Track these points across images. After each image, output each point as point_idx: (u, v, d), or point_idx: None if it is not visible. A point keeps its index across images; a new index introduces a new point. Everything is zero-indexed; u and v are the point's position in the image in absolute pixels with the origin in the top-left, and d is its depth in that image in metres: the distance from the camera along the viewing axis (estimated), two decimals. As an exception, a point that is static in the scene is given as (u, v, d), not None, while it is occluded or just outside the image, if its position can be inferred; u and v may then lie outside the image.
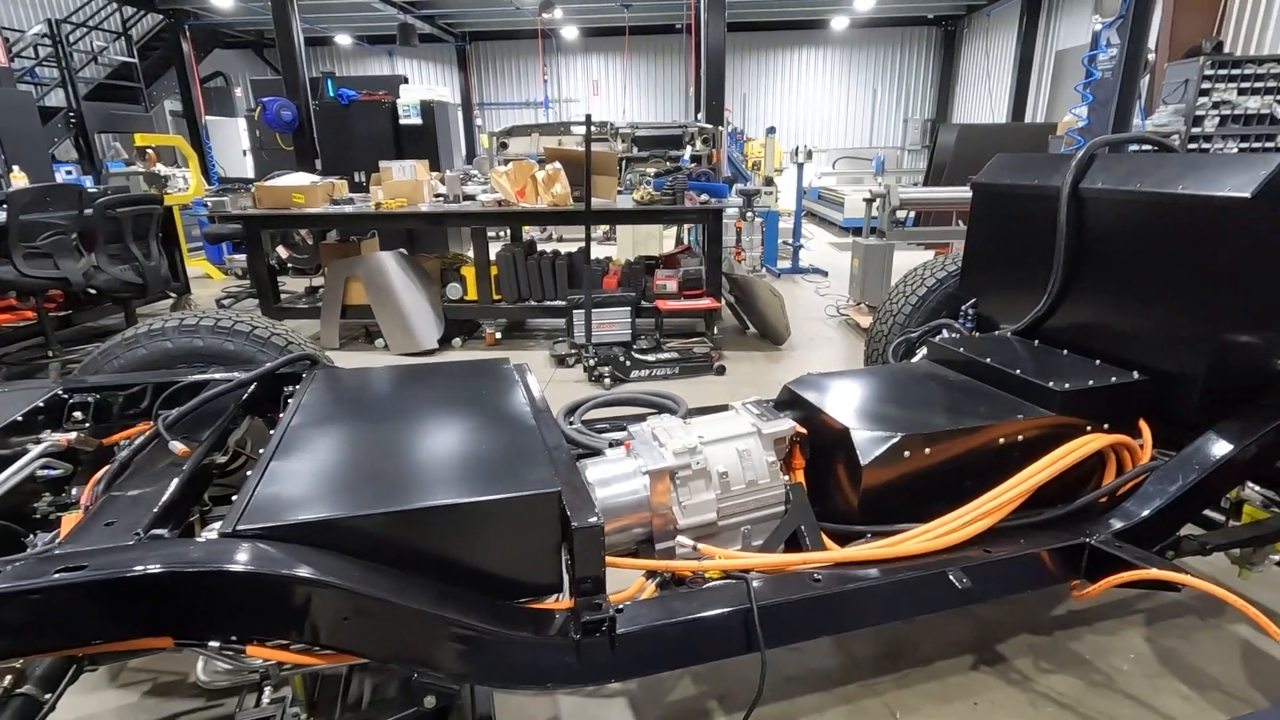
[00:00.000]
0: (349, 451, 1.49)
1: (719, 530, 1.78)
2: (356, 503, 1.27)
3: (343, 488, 1.33)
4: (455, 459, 1.46)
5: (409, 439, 1.55)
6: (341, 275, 5.65)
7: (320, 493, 1.31)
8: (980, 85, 16.73)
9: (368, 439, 1.55)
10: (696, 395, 4.68)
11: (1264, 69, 7.43)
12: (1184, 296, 1.89)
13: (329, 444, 1.51)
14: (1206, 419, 1.91)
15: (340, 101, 8.76)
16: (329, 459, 1.44)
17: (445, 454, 1.48)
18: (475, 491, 1.30)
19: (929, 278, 3.08)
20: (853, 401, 1.94)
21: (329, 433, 1.57)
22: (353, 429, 1.60)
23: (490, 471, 1.39)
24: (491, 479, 1.36)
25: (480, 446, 1.51)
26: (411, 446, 1.51)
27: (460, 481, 1.35)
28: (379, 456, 1.46)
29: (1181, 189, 1.86)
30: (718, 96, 8.94)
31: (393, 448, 1.50)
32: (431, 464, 1.43)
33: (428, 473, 1.39)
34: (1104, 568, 1.66)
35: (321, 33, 17.32)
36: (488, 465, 1.42)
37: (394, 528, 1.26)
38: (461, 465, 1.43)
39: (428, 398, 1.80)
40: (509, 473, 1.39)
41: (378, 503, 1.27)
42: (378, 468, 1.41)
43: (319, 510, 1.24)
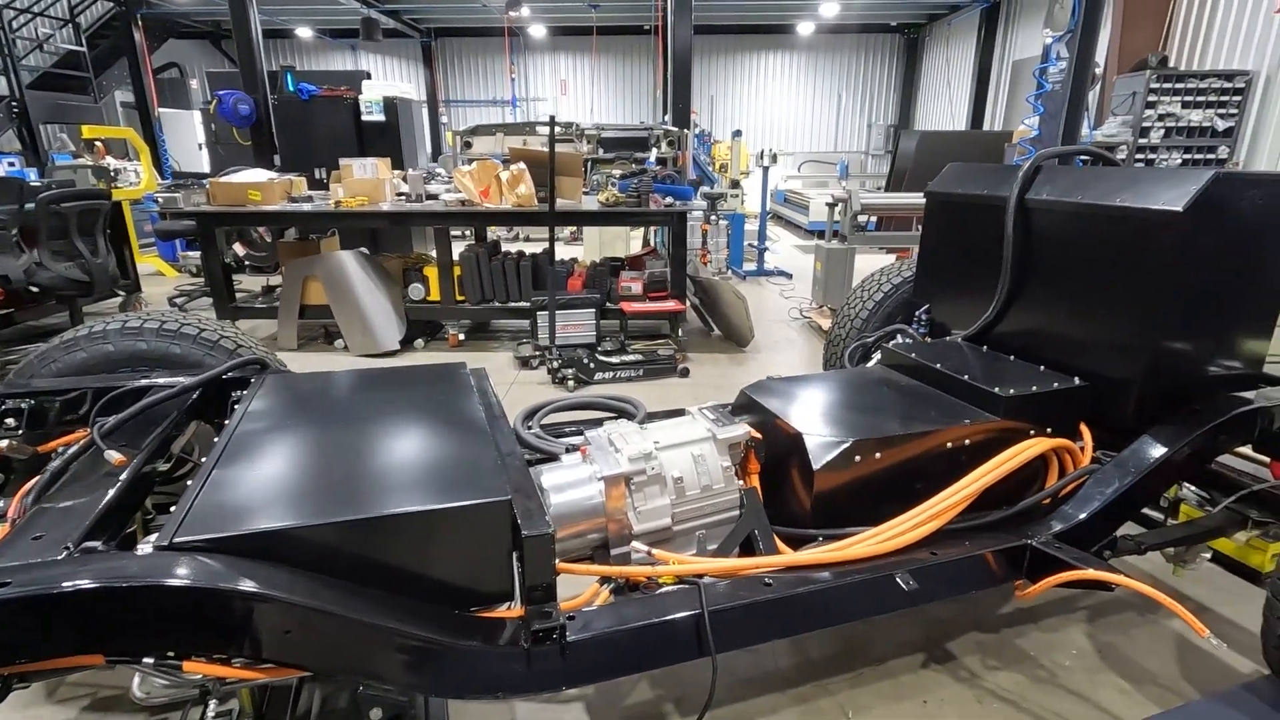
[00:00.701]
0: (295, 459, 1.46)
1: (674, 535, 1.80)
2: (300, 513, 1.25)
3: (287, 497, 1.30)
4: (405, 467, 1.44)
5: (358, 446, 1.53)
6: (300, 274, 5.52)
7: (263, 503, 1.28)
8: (941, 93, 17.10)
9: (315, 446, 1.52)
10: (660, 397, 4.71)
11: (1205, 83, 7.75)
12: (1121, 305, 1.96)
13: (274, 452, 1.48)
14: (1143, 423, 1.99)
15: (300, 96, 8.58)
16: (274, 467, 1.41)
17: (395, 462, 1.46)
18: (424, 500, 1.29)
19: (885, 283, 3.14)
20: (807, 406, 1.97)
21: (275, 440, 1.54)
22: (300, 436, 1.57)
23: (441, 479, 1.38)
24: (442, 487, 1.34)
25: (431, 454, 1.50)
26: (361, 454, 1.49)
27: (409, 490, 1.33)
28: (326, 464, 1.44)
29: (1119, 202, 1.93)
30: (684, 99, 8.97)
31: (341, 455, 1.48)
32: (380, 472, 1.41)
33: (376, 481, 1.37)
34: (1044, 568, 1.71)
35: (282, 25, 16.90)
36: (438, 473, 1.41)
37: (340, 538, 1.24)
38: (411, 473, 1.41)
39: (380, 403, 1.77)
40: (460, 481, 1.38)
41: (323, 513, 1.25)
42: (324, 476, 1.38)
43: (260, 521, 1.21)
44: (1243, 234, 1.91)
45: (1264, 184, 1.90)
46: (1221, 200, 1.83)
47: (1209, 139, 7.87)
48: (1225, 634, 2.31)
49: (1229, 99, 7.73)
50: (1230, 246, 1.91)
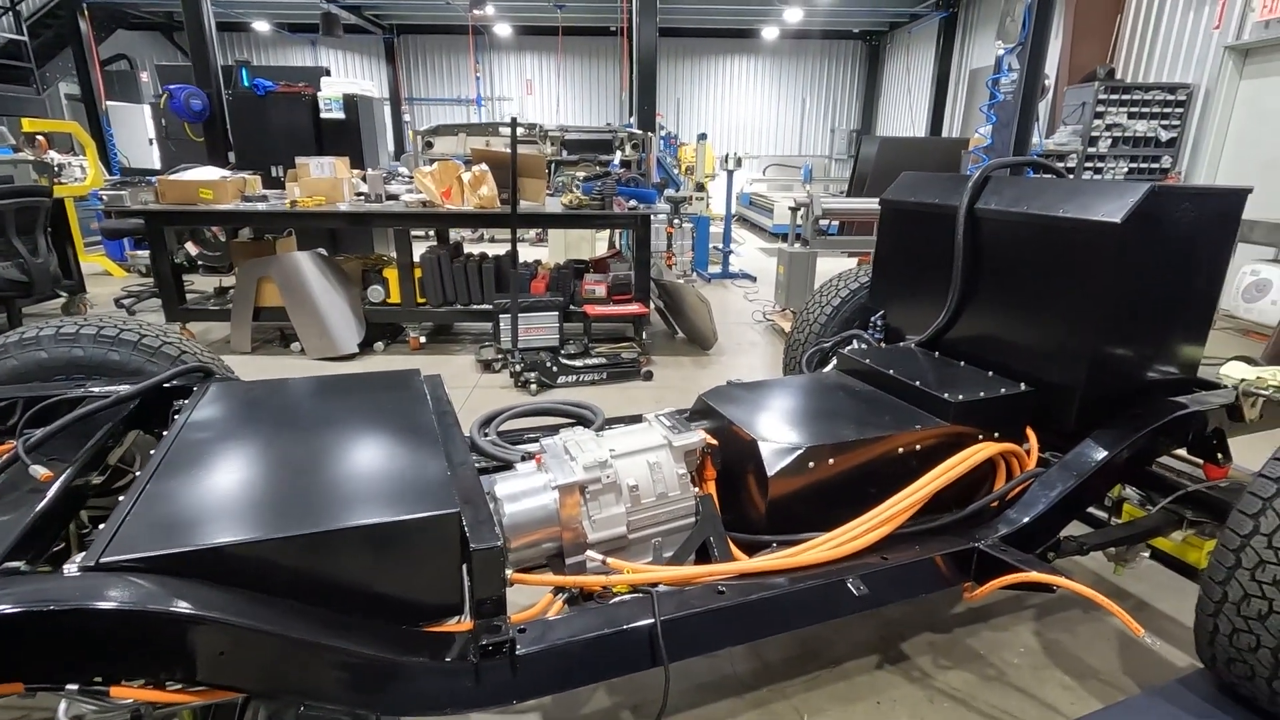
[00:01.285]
0: (235, 472, 1.41)
1: (630, 543, 1.79)
2: (237, 529, 1.21)
3: (223, 513, 1.26)
4: (351, 479, 1.40)
5: (302, 458, 1.49)
6: (253, 276, 5.38)
7: (198, 519, 1.24)
8: (902, 99, 17.45)
9: (257, 458, 1.48)
10: (624, 400, 4.71)
11: (1150, 95, 8.05)
12: (1064, 313, 2.02)
13: (213, 465, 1.43)
14: (1086, 427, 2.06)
15: (256, 92, 8.36)
16: (211, 481, 1.37)
17: (340, 474, 1.42)
18: (369, 514, 1.26)
19: (843, 288, 3.19)
20: (762, 413, 1.99)
21: (215, 452, 1.49)
22: (241, 447, 1.52)
23: (387, 492, 1.35)
24: (388, 500, 1.32)
25: (379, 465, 1.47)
26: (304, 466, 1.45)
27: (354, 504, 1.30)
28: (267, 477, 1.40)
29: (1062, 212, 1.99)
30: (649, 101, 9.00)
31: (283, 468, 1.44)
32: (324, 485, 1.37)
33: (319, 494, 1.34)
34: (991, 570, 1.75)
35: (238, 18, 16.47)
36: (385, 485, 1.38)
37: (279, 555, 1.20)
38: (357, 486, 1.38)
39: (328, 412, 1.73)
40: (407, 493, 1.35)
41: (261, 529, 1.21)
42: (264, 490, 1.34)
43: (194, 539, 1.17)
44: (1177, 244, 1.99)
45: (1196, 197, 1.98)
46: (1157, 212, 1.89)
47: (1153, 149, 8.18)
48: (1164, 629, 2.42)
49: (1171, 110, 8.05)
50: (1166, 256, 1.99)
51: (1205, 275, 2.11)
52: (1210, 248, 2.07)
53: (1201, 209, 1.99)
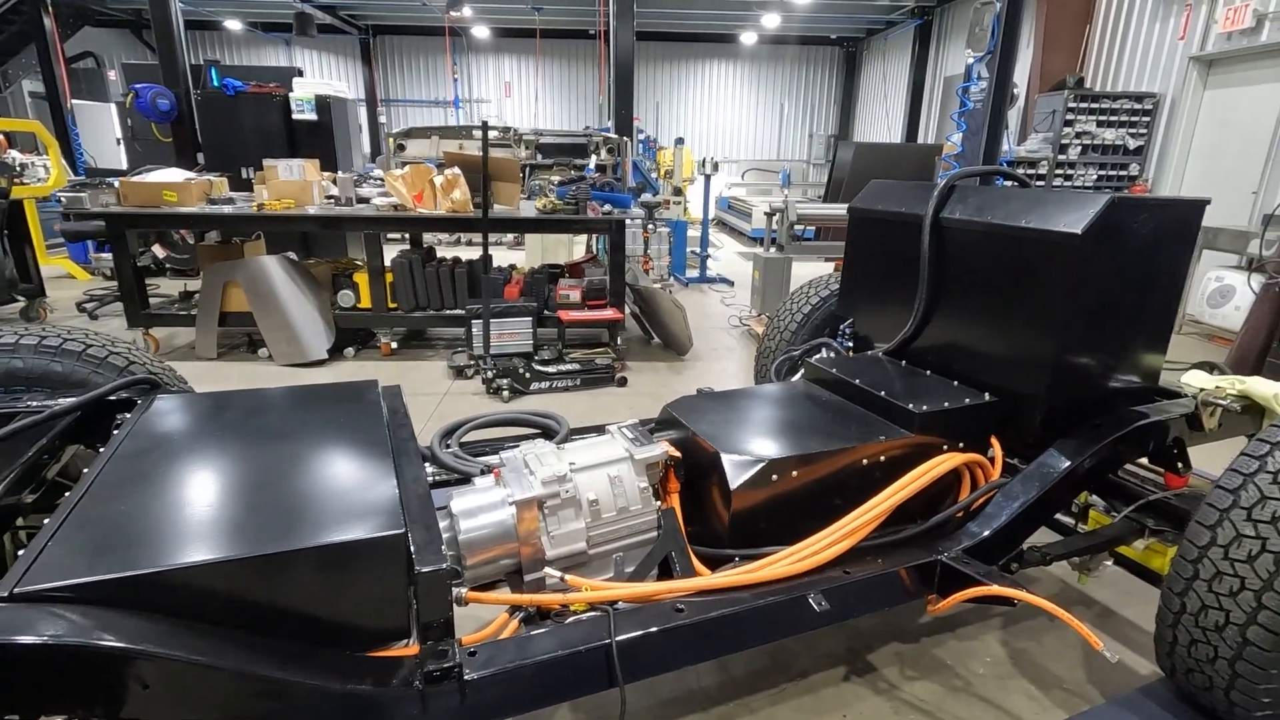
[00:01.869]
0: (171, 493, 1.35)
1: (590, 559, 1.75)
2: (168, 555, 1.15)
3: (155, 536, 1.21)
4: (293, 499, 1.35)
5: (243, 476, 1.43)
6: (219, 280, 5.26)
7: (127, 543, 1.18)
8: (879, 105, 17.64)
9: (196, 477, 1.42)
10: (597, 407, 4.67)
11: (1118, 104, 8.20)
12: (1027, 322, 2.02)
13: (148, 484, 1.37)
14: (1050, 436, 2.06)
15: (225, 92, 8.20)
16: (145, 502, 1.31)
17: (283, 494, 1.37)
18: (309, 537, 1.21)
19: (814, 296, 3.18)
20: (726, 424, 1.96)
21: (151, 471, 1.43)
22: (181, 465, 1.46)
23: (331, 513, 1.30)
24: (331, 521, 1.27)
25: (325, 484, 1.41)
26: (246, 485, 1.40)
27: (294, 525, 1.25)
28: (205, 498, 1.34)
29: (1024, 223, 1.99)
30: (626, 105, 8.98)
31: (223, 487, 1.38)
32: (264, 506, 1.32)
33: (257, 516, 1.28)
34: (954, 583, 1.74)
35: (209, 16, 16.20)
36: (329, 506, 1.33)
37: (213, 581, 1.15)
38: (299, 506, 1.33)
39: (276, 427, 1.67)
40: (352, 514, 1.30)
41: (194, 553, 1.16)
42: (201, 511, 1.29)
43: (121, 565, 1.12)
44: (1137, 254, 2.00)
45: (1155, 207, 2.00)
46: (1117, 223, 1.90)
47: (1122, 156, 8.34)
48: (1129, 637, 2.43)
49: (1139, 119, 8.21)
50: (1126, 266, 2.00)
51: (1165, 285, 2.12)
52: (1170, 258, 2.09)
53: (1161, 219, 2.01)
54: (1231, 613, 1.56)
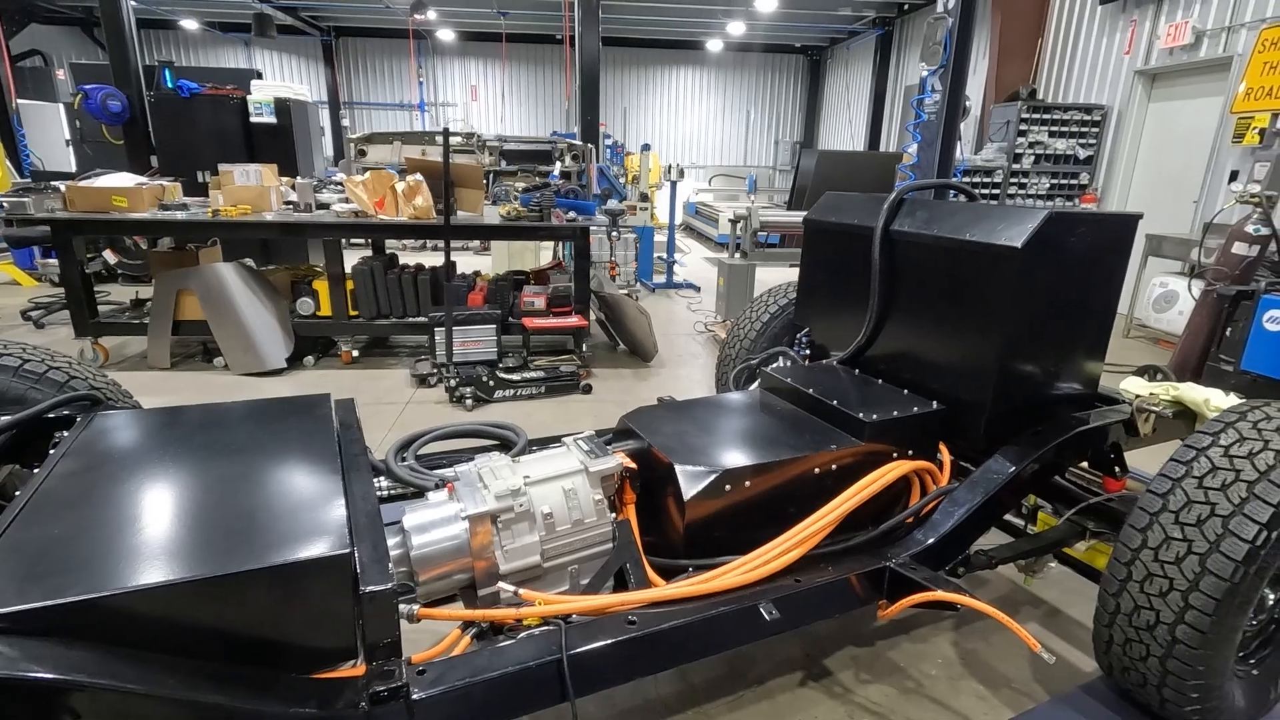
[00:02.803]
0: (109, 515, 1.32)
1: (545, 572, 1.76)
2: (103, 580, 1.13)
3: (91, 561, 1.18)
4: (236, 519, 1.33)
5: (186, 497, 1.40)
6: (172, 288, 5.13)
7: (60, 569, 1.15)
8: (842, 113, 17.94)
9: (136, 498, 1.39)
10: (560, 415, 4.66)
11: (1068, 115, 8.47)
12: (971, 333, 2.08)
13: (84, 507, 1.34)
14: (995, 442, 2.12)
15: (180, 94, 8.00)
16: (81, 525, 1.28)
17: (225, 514, 1.35)
18: (250, 559, 1.20)
19: (772, 304, 3.23)
20: (681, 435, 1.98)
21: (90, 492, 1.39)
22: (121, 486, 1.43)
23: (275, 533, 1.28)
24: (274, 542, 1.25)
25: (269, 503, 1.39)
26: (187, 506, 1.37)
27: (236, 547, 1.23)
28: (145, 520, 1.31)
29: (968, 236, 2.05)
30: (593, 111, 8.99)
31: (164, 509, 1.35)
32: (205, 527, 1.30)
33: (198, 538, 1.26)
34: (902, 589, 1.78)
35: (164, 15, 15.77)
36: (273, 525, 1.31)
37: (150, 606, 1.13)
38: (242, 527, 1.30)
39: (221, 444, 1.64)
40: (297, 533, 1.28)
41: (130, 579, 1.13)
42: (140, 535, 1.26)
43: (54, 593, 1.09)
44: (1075, 266, 2.08)
45: (1092, 221, 2.08)
46: (1055, 236, 1.97)
47: (1072, 166, 8.62)
48: (1072, 634, 2.51)
49: (1088, 130, 8.49)
50: (1065, 278, 2.07)
51: (1102, 295, 2.20)
52: (1106, 269, 2.17)
53: (1097, 233, 2.09)
54: (1161, 612, 1.63)
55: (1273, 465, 1.59)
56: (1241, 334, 4.31)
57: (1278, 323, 4.09)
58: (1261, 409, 1.75)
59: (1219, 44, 7.02)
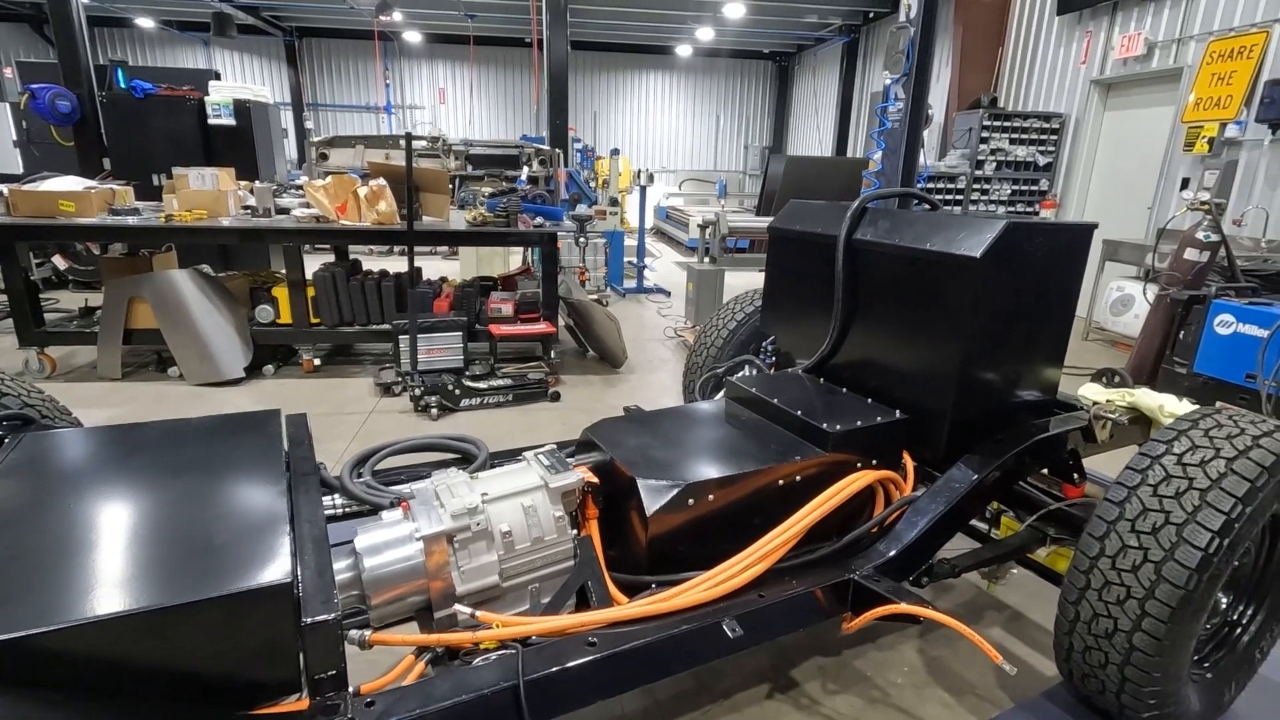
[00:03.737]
0: (34, 544, 1.24)
1: (505, 592, 1.71)
2: (21, 618, 1.05)
3: (8, 598, 1.10)
4: (171, 548, 1.26)
5: (118, 524, 1.33)
6: (123, 296, 4.95)
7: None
8: (810, 118, 18.15)
9: (64, 526, 1.31)
10: (528, 423, 4.60)
11: (1028, 123, 8.66)
12: (932, 341, 2.09)
13: (6, 537, 1.26)
14: (957, 450, 2.13)
15: (133, 94, 7.76)
16: (0, 558, 1.20)
17: (160, 542, 1.28)
18: (184, 591, 1.13)
19: (739, 312, 3.22)
20: (644, 448, 1.95)
21: (14, 520, 1.31)
22: (48, 513, 1.35)
23: (212, 562, 1.22)
24: (210, 572, 1.19)
25: (210, 529, 1.33)
26: (119, 535, 1.29)
27: (169, 579, 1.17)
28: (72, 550, 1.24)
29: (929, 246, 2.06)
30: (561, 115, 8.94)
31: (93, 537, 1.28)
32: (137, 558, 1.23)
33: (129, 570, 1.19)
34: (865, 602, 1.77)
35: (118, 13, 15.31)
36: (211, 554, 1.24)
37: (74, 644, 1.06)
38: (177, 557, 1.24)
39: (160, 466, 1.57)
40: (235, 562, 1.22)
41: (52, 616, 1.06)
42: (66, 567, 1.19)
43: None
44: (1033, 275, 2.10)
45: (1049, 231, 2.10)
46: (1013, 246, 1.99)
47: (1033, 173, 8.81)
48: (1035, 639, 2.53)
49: (1048, 137, 8.70)
50: (1023, 286, 2.09)
51: (1060, 303, 2.23)
52: (1063, 277, 2.20)
53: (1054, 242, 2.11)
54: (1119, 620, 1.64)
55: (1224, 473, 1.61)
56: (1194, 337, 4.43)
57: (1228, 327, 4.20)
58: (1213, 416, 1.78)
59: (1170, 55, 7.24)
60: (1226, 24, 6.59)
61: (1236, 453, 1.64)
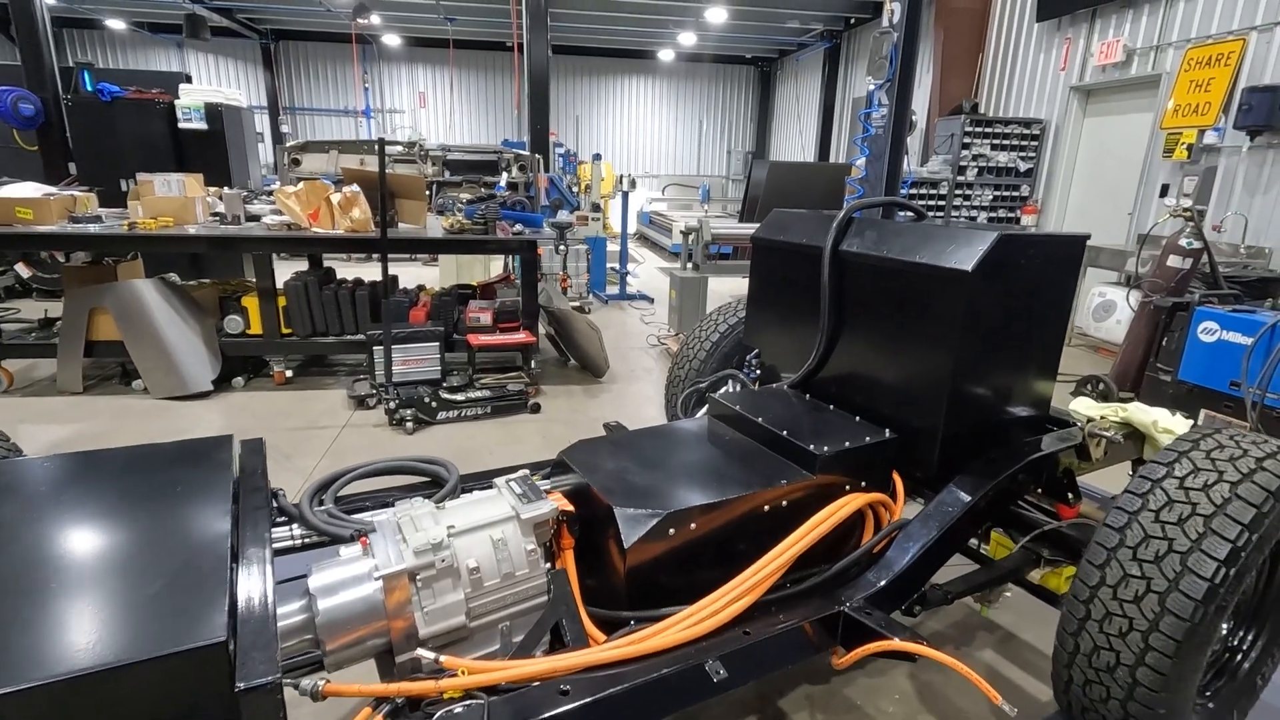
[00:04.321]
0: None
1: (472, 632, 1.59)
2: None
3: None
4: (94, 603, 1.13)
5: (38, 574, 1.20)
6: (84, 306, 4.76)
7: None
8: (793, 124, 18.18)
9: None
10: (507, 436, 4.48)
11: (1009, 129, 8.68)
12: (922, 357, 2.01)
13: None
14: (949, 469, 2.04)
15: (100, 98, 7.53)
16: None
17: (82, 596, 1.15)
18: (103, 655, 1.01)
19: (721, 323, 3.12)
20: (622, 472, 1.84)
21: (-86, 572, 1.18)
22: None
23: (138, 619, 1.09)
24: (135, 632, 1.06)
25: (139, 579, 1.20)
26: (40, 587, 1.16)
27: (88, 640, 1.04)
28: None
29: (918, 258, 1.97)
30: (542, 120, 8.83)
31: (9, 589, 1.15)
32: (56, 614, 1.10)
33: (45, 630, 1.06)
34: (857, 636, 1.68)
35: (88, 14, 14.98)
36: (139, 609, 1.12)
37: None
38: (99, 613, 1.11)
39: (94, 503, 1.43)
40: (165, 617, 1.10)
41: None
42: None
43: None
44: (1025, 288, 2.02)
45: (1040, 243, 2.03)
46: (1005, 259, 1.91)
47: (1014, 178, 8.84)
48: (1029, 661, 2.46)
49: (1028, 143, 8.73)
50: (1015, 300, 2.01)
51: (1052, 317, 2.16)
52: (1055, 290, 2.13)
53: (1046, 254, 2.04)
54: (1121, 654, 1.56)
55: (1228, 498, 1.54)
56: (1178, 344, 4.41)
57: (1212, 334, 4.18)
58: (1213, 436, 1.71)
59: (1148, 62, 7.28)
60: (1204, 31, 6.64)
61: (1240, 476, 1.57)
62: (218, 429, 4.41)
